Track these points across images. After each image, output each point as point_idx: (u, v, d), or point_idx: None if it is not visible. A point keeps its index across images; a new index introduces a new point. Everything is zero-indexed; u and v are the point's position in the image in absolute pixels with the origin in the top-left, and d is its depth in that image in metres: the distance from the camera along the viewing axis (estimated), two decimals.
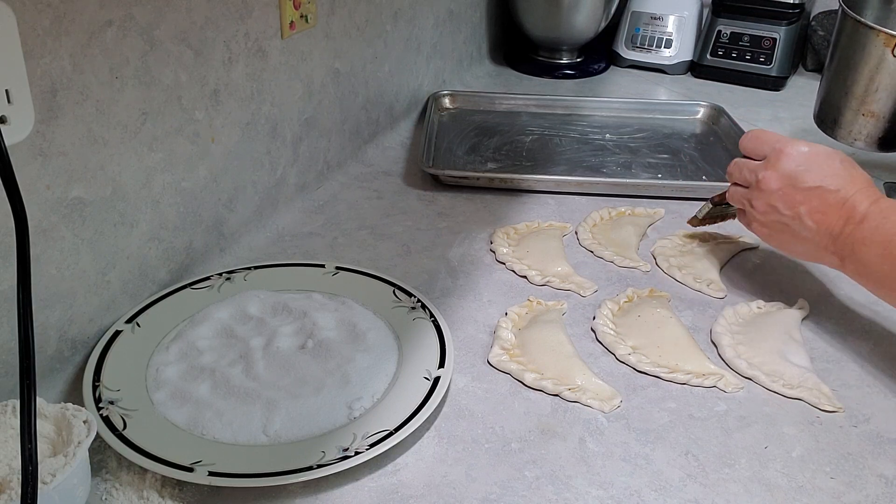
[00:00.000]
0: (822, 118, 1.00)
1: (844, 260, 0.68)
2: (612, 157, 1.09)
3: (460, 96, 1.25)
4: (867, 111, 0.93)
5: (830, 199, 0.68)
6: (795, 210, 0.70)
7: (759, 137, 0.75)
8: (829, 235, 0.69)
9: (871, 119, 0.93)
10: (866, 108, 0.93)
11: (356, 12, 0.98)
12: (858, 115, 0.94)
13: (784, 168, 0.71)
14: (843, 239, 0.68)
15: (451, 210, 0.95)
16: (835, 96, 0.97)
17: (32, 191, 0.59)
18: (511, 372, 0.68)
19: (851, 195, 0.68)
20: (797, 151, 0.71)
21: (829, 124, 0.99)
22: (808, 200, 0.69)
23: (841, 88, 0.95)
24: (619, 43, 1.49)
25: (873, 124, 0.94)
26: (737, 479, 0.59)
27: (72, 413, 0.53)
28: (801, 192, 0.70)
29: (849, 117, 0.96)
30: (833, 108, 0.98)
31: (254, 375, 0.64)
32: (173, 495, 0.55)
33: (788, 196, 0.71)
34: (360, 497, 0.56)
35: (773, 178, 0.71)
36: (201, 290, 0.75)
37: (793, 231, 0.71)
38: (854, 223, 0.67)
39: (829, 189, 0.69)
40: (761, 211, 0.73)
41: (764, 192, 0.72)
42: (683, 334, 0.73)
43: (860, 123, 0.95)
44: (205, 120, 0.76)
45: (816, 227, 0.69)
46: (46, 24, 0.57)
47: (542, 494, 0.57)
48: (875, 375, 0.70)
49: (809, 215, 0.69)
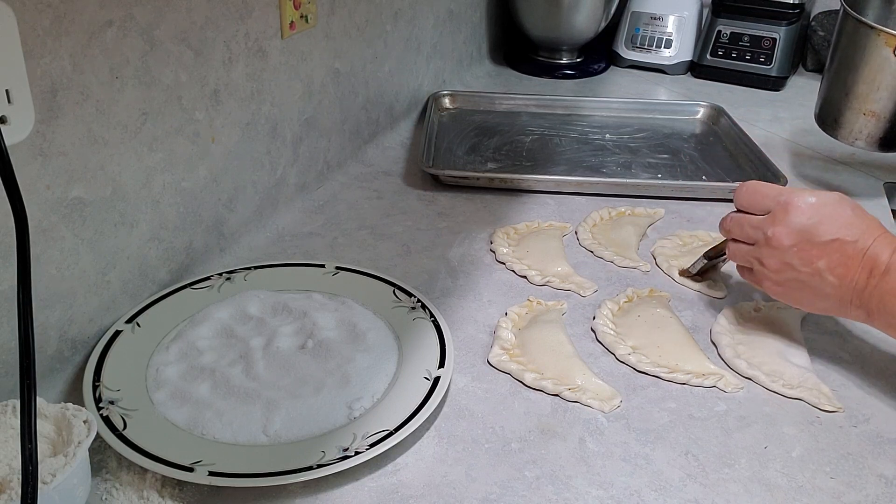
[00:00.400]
0: (823, 118, 1.00)
1: (872, 314, 0.64)
2: (612, 157, 1.09)
3: (460, 96, 1.25)
4: (868, 111, 0.93)
5: (849, 251, 0.65)
6: (814, 266, 0.66)
7: (757, 191, 0.70)
8: (853, 290, 0.65)
9: (872, 119, 0.93)
10: (867, 107, 0.93)
11: (356, 12, 0.98)
12: (859, 114, 0.94)
13: (795, 223, 0.66)
14: (869, 292, 0.64)
15: (451, 210, 0.95)
16: (836, 96, 0.97)
17: (32, 191, 0.59)
18: (511, 372, 0.68)
19: (870, 245, 0.64)
20: (806, 203, 0.66)
21: (829, 124, 0.99)
22: (827, 255, 0.65)
23: (842, 88, 0.95)
24: (619, 43, 1.49)
25: (874, 124, 0.93)
26: (737, 479, 0.59)
27: (72, 413, 0.53)
28: (817, 246, 0.65)
29: (850, 117, 0.96)
30: (834, 108, 0.98)
31: (254, 375, 0.64)
32: (173, 495, 0.55)
33: (804, 252, 0.66)
34: (360, 497, 0.56)
35: (784, 234, 0.67)
36: (201, 290, 0.75)
37: (813, 288, 0.67)
38: (878, 275, 0.63)
39: (847, 240, 0.65)
40: (775, 269, 0.68)
41: (776, 250, 0.67)
42: (683, 334, 0.73)
43: (861, 123, 0.95)
44: (205, 120, 0.76)
45: (839, 283, 0.65)
46: (46, 24, 0.57)
47: (542, 494, 0.57)
48: (875, 375, 0.70)
49: (830, 270, 0.65)
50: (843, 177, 1.08)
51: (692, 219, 0.95)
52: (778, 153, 1.12)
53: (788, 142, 1.20)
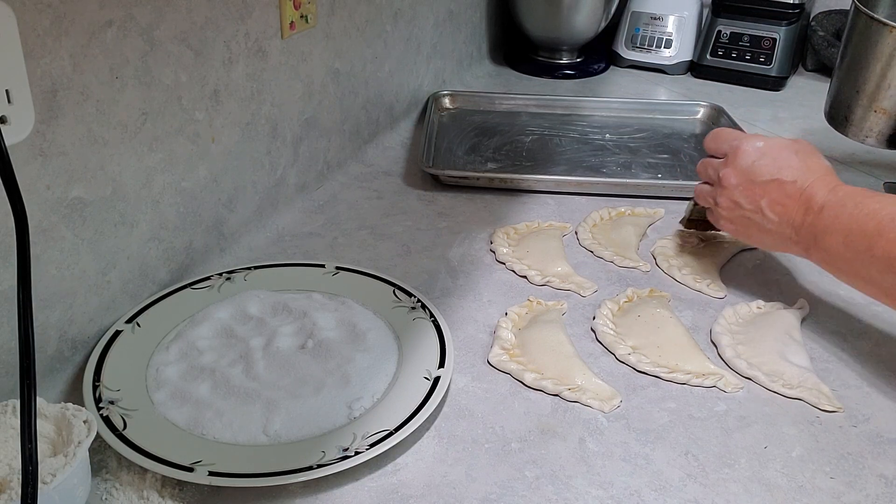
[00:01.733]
0: (834, 115, 1.00)
1: (809, 249, 0.69)
2: (612, 157, 1.09)
3: (460, 96, 1.25)
4: (878, 107, 0.93)
5: (788, 190, 0.70)
6: (756, 203, 0.72)
7: (719, 136, 0.78)
8: (791, 226, 0.70)
9: (883, 116, 0.93)
10: (878, 104, 0.93)
11: (356, 12, 0.98)
12: (870, 111, 0.94)
13: (741, 163, 0.73)
14: (805, 229, 0.69)
15: (451, 210, 0.95)
16: (846, 93, 0.97)
17: (32, 191, 0.59)
18: (511, 372, 0.68)
19: (808, 185, 0.69)
20: (752, 146, 0.73)
21: (840, 121, 0.99)
22: (768, 193, 0.71)
23: (852, 85, 0.95)
24: (619, 43, 1.49)
25: (884, 121, 0.93)
26: (737, 479, 0.59)
27: (72, 413, 0.53)
28: (759, 185, 0.72)
29: (860, 114, 0.95)
30: (844, 106, 0.97)
31: (254, 375, 0.64)
32: (173, 495, 0.55)
33: (748, 190, 0.72)
34: (360, 497, 0.56)
35: (732, 174, 0.73)
36: (201, 290, 0.75)
37: (757, 224, 0.73)
38: (813, 213, 0.68)
39: (786, 180, 0.70)
40: (725, 207, 0.75)
41: (726, 189, 0.74)
42: (683, 334, 0.73)
43: (871, 120, 0.94)
44: (205, 120, 0.76)
45: (778, 219, 0.71)
46: (46, 24, 0.57)
47: (542, 494, 0.57)
48: (875, 375, 0.70)
49: (770, 207, 0.71)
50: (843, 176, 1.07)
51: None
52: None
53: None
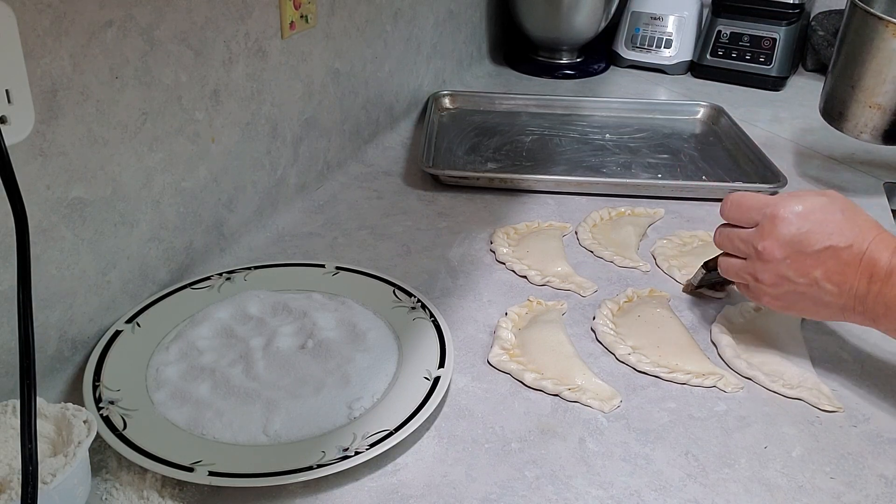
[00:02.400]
0: (829, 111, 1.00)
1: (878, 319, 0.62)
2: (612, 157, 1.09)
3: (460, 96, 1.25)
4: (874, 103, 0.93)
5: (845, 258, 0.62)
6: (810, 276, 0.64)
7: (742, 204, 0.68)
8: (853, 297, 0.63)
9: (878, 111, 0.93)
10: (873, 100, 0.93)
11: (356, 12, 0.99)
12: (865, 107, 0.94)
13: (784, 235, 0.64)
14: (872, 299, 0.62)
15: (451, 210, 0.95)
16: (842, 89, 0.97)
17: (32, 191, 0.59)
18: (511, 372, 0.68)
19: (867, 248, 0.62)
20: (792, 213, 0.64)
21: (835, 117, 0.99)
22: (822, 263, 0.63)
23: (848, 81, 0.95)
24: (619, 43, 1.49)
25: (880, 117, 0.93)
26: (737, 479, 0.59)
27: (72, 413, 0.53)
28: (810, 256, 0.63)
29: (855, 110, 0.95)
30: (839, 101, 0.97)
31: (254, 375, 0.64)
32: (173, 495, 0.55)
33: (798, 262, 0.64)
34: (360, 497, 0.56)
35: (774, 247, 0.64)
36: (201, 290, 0.75)
37: (812, 298, 0.65)
38: (880, 280, 0.61)
39: (841, 247, 0.62)
40: (770, 283, 0.66)
41: (769, 264, 0.65)
42: (683, 334, 0.73)
43: (867, 116, 0.94)
44: (205, 120, 0.76)
45: (838, 290, 0.63)
46: (46, 24, 0.57)
47: (542, 494, 0.57)
48: (875, 375, 0.70)
49: (827, 279, 0.63)
50: (843, 176, 1.08)
51: (692, 219, 0.95)
52: (778, 153, 1.11)
53: (788, 142, 1.20)
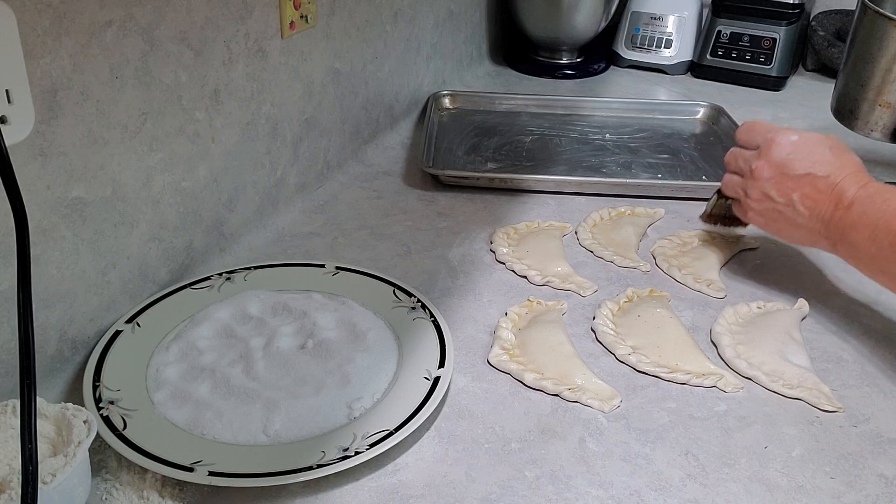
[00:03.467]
0: (840, 109, 1.01)
1: (836, 244, 0.70)
2: (612, 157, 1.09)
3: (460, 96, 1.25)
4: (884, 102, 0.93)
5: (820, 185, 0.71)
6: (788, 197, 0.73)
7: (752, 128, 0.78)
8: (821, 220, 0.71)
9: (888, 110, 0.93)
10: (883, 98, 0.93)
11: (356, 12, 0.98)
12: (875, 105, 0.95)
13: (775, 157, 0.73)
14: (834, 224, 0.69)
15: (451, 210, 0.95)
16: (852, 87, 0.97)
17: (32, 191, 0.59)
18: (511, 372, 0.68)
19: (840, 180, 0.70)
20: (787, 140, 0.73)
21: (846, 115, 1.00)
22: (800, 187, 0.72)
23: (858, 80, 0.96)
24: (619, 43, 1.49)
25: (889, 115, 0.94)
26: (737, 479, 0.59)
27: (72, 413, 0.53)
28: (792, 179, 0.72)
29: (865, 108, 0.96)
30: (850, 100, 0.98)
31: (254, 375, 0.64)
32: (173, 495, 0.55)
33: (780, 183, 0.73)
34: (360, 497, 0.56)
35: (765, 166, 0.74)
36: (201, 290, 0.75)
37: (787, 218, 0.74)
38: (843, 208, 0.69)
39: (819, 175, 0.71)
40: (756, 199, 0.75)
41: (757, 181, 0.75)
42: (683, 334, 0.73)
43: (877, 114, 0.95)
44: (205, 120, 0.76)
45: (809, 213, 0.71)
46: (46, 24, 0.57)
47: (542, 494, 0.57)
48: (875, 375, 0.70)
49: (801, 201, 0.72)
50: None
51: (692, 219, 0.95)
52: None
53: None
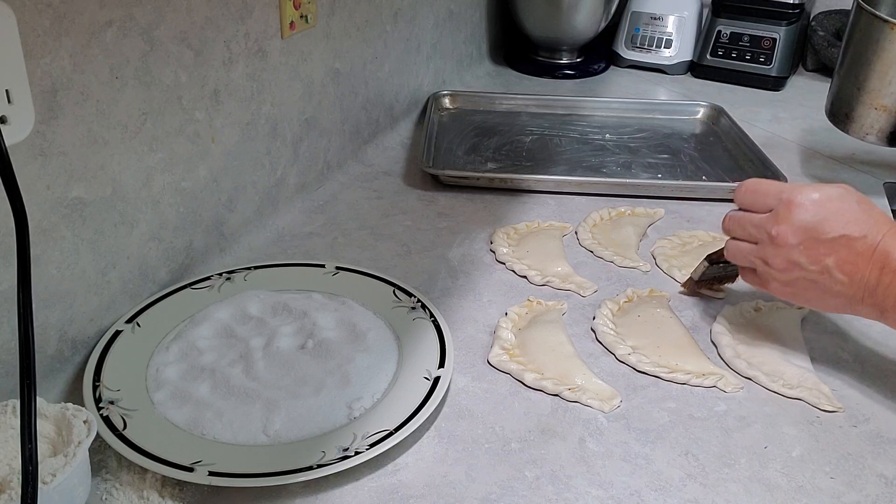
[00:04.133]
0: (835, 113, 1.00)
1: (886, 312, 0.63)
2: (612, 157, 1.09)
3: (460, 96, 1.25)
4: (880, 105, 0.93)
5: (858, 248, 0.63)
6: (822, 264, 0.64)
7: (758, 189, 0.68)
8: (864, 288, 0.63)
9: (884, 113, 0.93)
10: (879, 101, 0.93)
11: (356, 12, 0.98)
12: (871, 109, 0.94)
13: (799, 220, 0.64)
14: (882, 290, 0.62)
15: (451, 210, 0.95)
16: (847, 91, 0.97)
17: (32, 191, 0.59)
18: (511, 372, 0.68)
19: (880, 240, 0.62)
20: (809, 200, 0.64)
21: (841, 119, 0.99)
22: (835, 252, 0.63)
23: (854, 83, 0.95)
24: (619, 43, 1.49)
25: (885, 118, 0.93)
26: (737, 479, 0.59)
27: (72, 413, 0.53)
28: (824, 244, 0.63)
29: (861, 111, 0.95)
30: (845, 103, 0.97)
31: (254, 375, 0.64)
32: (173, 495, 0.55)
33: (811, 250, 0.64)
34: (360, 497, 0.56)
35: (789, 232, 0.64)
36: (201, 290, 0.75)
37: (822, 286, 0.65)
38: (891, 272, 0.61)
39: (855, 237, 0.63)
40: (781, 269, 0.66)
41: (781, 249, 0.65)
42: (683, 334, 0.73)
43: (872, 118, 0.94)
44: (205, 120, 0.76)
45: (849, 280, 0.63)
46: (46, 24, 0.57)
47: (542, 494, 0.57)
48: (875, 375, 0.70)
49: (838, 268, 0.63)
50: (844, 176, 1.08)
51: (692, 219, 0.95)
52: (778, 153, 1.11)
53: (788, 142, 1.20)
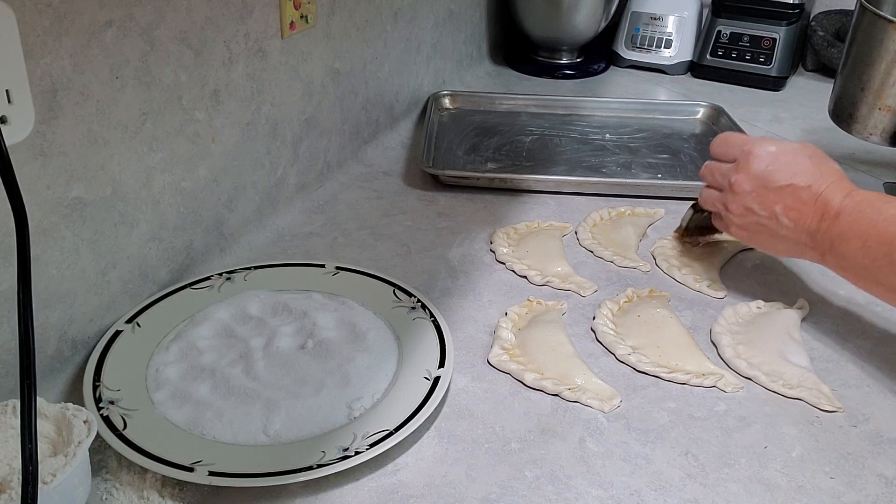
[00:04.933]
0: (838, 113, 1.00)
1: (825, 255, 0.69)
2: (612, 157, 1.09)
3: (460, 96, 1.25)
4: (883, 105, 0.93)
5: (803, 196, 0.69)
6: (770, 209, 0.71)
7: (727, 141, 0.77)
8: (806, 232, 0.70)
9: (887, 113, 0.93)
10: (882, 102, 0.93)
11: (356, 12, 0.98)
12: (874, 109, 0.94)
13: (754, 169, 0.72)
14: (821, 235, 0.68)
15: (451, 210, 0.95)
16: (851, 91, 0.97)
17: (33, 191, 0.59)
18: (511, 372, 0.68)
19: (823, 190, 0.69)
20: (765, 151, 0.72)
21: (844, 119, 0.99)
22: (782, 199, 0.70)
23: (857, 83, 0.95)
24: (618, 43, 1.49)
25: (889, 119, 0.93)
26: (737, 479, 0.59)
27: (72, 413, 0.53)
28: (773, 191, 0.71)
29: (864, 112, 0.96)
30: (849, 103, 0.98)
31: (254, 375, 0.64)
32: (173, 495, 0.55)
33: (762, 196, 0.72)
34: (360, 497, 0.56)
35: (744, 180, 0.73)
36: (201, 290, 0.75)
37: (771, 231, 0.72)
38: (829, 218, 0.68)
39: (801, 186, 0.70)
40: (737, 213, 0.74)
41: (738, 195, 0.73)
42: (683, 334, 0.73)
43: (876, 118, 0.95)
44: (205, 120, 0.76)
45: (793, 225, 0.70)
46: (46, 24, 0.57)
47: (542, 494, 0.57)
48: (875, 375, 0.70)
49: (785, 213, 0.70)
50: None
51: None
52: None
53: None
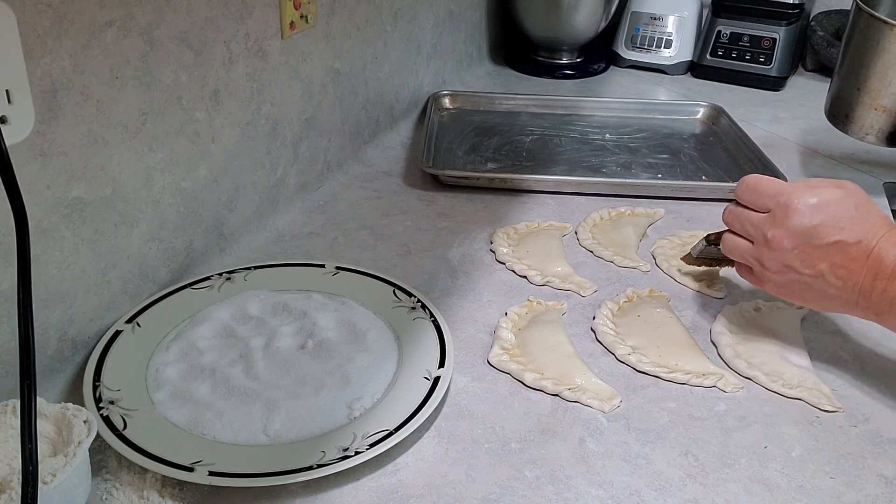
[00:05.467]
0: (834, 113, 1.00)
1: (882, 316, 0.63)
2: (612, 157, 1.09)
3: (460, 96, 1.25)
4: (879, 106, 0.93)
5: (853, 253, 0.63)
6: (816, 268, 0.64)
7: (758, 188, 0.68)
8: (857, 292, 0.63)
9: (883, 114, 0.93)
10: (878, 102, 0.93)
11: (356, 12, 0.99)
12: (871, 109, 0.94)
13: (795, 224, 0.64)
14: (877, 296, 0.62)
15: (451, 210, 0.95)
16: (847, 91, 0.97)
17: (32, 191, 0.59)
18: (511, 372, 0.68)
19: (875, 245, 0.62)
20: (806, 205, 0.64)
21: (840, 119, 0.99)
22: (829, 257, 0.64)
23: (853, 84, 0.95)
24: (619, 43, 1.49)
25: (885, 119, 0.93)
26: (737, 479, 0.59)
27: (72, 413, 0.53)
28: (818, 248, 0.64)
29: (860, 112, 0.96)
30: (845, 104, 0.98)
31: (254, 375, 0.64)
32: (173, 495, 0.55)
33: (805, 254, 0.64)
34: (360, 497, 0.56)
35: (784, 236, 0.65)
36: (201, 290, 0.75)
37: (816, 290, 0.66)
38: (885, 278, 0.61)
39: (850, 242, 0.63)
40: (776, 271, 0.67)
41: (776, 252, 0.66)
42: (683, 334, 0.73)
43: (872, 118, 0.95)
44: (205, 120, 0.76)
45: (842, 284, 0.64)
46: (46, 24, 0.57)
47: (542, 494, 0.57)
48: (875, 375, 0.70)
49: (832, 272, 0.64)
50: (843, 176, 1.08)
51: (692, 219, 0.95)
52: (778, 153, 1.11)
53: (788, 142, 1.20)
